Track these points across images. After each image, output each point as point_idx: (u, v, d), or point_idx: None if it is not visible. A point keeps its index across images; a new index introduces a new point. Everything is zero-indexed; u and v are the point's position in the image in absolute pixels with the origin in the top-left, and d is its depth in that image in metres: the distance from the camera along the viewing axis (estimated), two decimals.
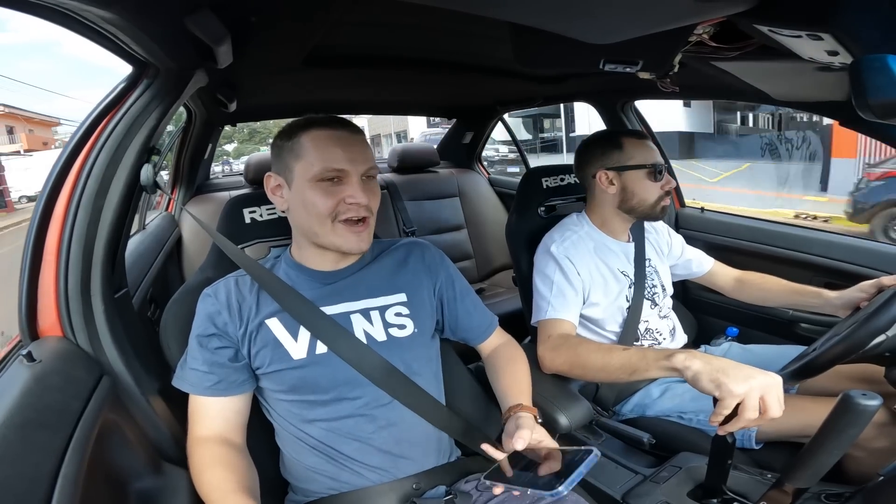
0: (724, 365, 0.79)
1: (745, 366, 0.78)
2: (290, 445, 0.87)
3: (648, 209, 1.25)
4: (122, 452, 0.73)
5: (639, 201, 1.24)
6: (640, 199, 1.24)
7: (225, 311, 0.83)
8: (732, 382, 0.75)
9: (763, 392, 0.74)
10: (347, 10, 1.02)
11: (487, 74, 1.68)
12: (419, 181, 2.71)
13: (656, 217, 1.27)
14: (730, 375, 0.76)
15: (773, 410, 0.74)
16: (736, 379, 0.75)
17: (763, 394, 0.74)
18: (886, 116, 0.60)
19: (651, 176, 1.23)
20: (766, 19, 0.66)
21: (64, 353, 0.75)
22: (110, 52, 0.78)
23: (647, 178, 1.23)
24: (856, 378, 1.09)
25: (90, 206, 0.81)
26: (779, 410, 0.74)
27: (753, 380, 0.74)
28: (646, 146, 1.25)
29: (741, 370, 0.77)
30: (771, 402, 0.74)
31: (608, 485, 1.02)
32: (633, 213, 1.27)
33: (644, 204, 1.24)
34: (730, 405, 0.75)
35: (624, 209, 1.27)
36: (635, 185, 1.24)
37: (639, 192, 1.24)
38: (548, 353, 1.11)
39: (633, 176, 1.23)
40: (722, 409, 0.76)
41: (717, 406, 0.77)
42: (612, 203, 1.27)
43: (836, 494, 0.78)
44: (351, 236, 0.82)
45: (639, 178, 1.23)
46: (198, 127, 2.08)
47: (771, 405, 0.73)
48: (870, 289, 1.07)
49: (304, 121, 0.84)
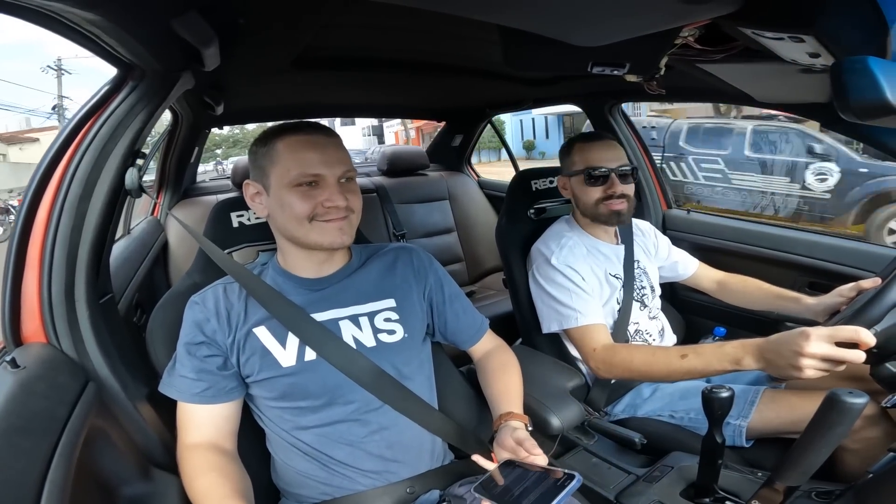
0: (771, 356, 0.84)
1: (781, 341, 0.82)
2: (282, 451, 0.86)
3: (592, 212, 1.25)
4: (110, 458, 0.72)
5: (583, 206, 1.26)
6: (583, 203, 1.26)
7: (213, 318, 0.82)
8: (788, 370, 0.81)
9: (813, 350, 0.77)
10: (337, 13, 1.01)
11: (477, 77, 1.68)
12: (409, 184, 2.71)
13: (604, 220, 1.26)
14: (780, 367, 0.82)
15: (842, 353, 0.76)
16: (789, 366, 0.80)
17: (816, 351, 0.77)
18: (866, 117, 0.61)
19: (588, 180, 1.23)
20: (750, 21, 0.67)
21: (48, 360, 0.74)
22: (95, 54, 0.77)
23: (585, 182, 1.24)
24: (843, 376, 1.11)
25: (74, 210, 0.79)
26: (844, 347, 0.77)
27: (801, 357, 0.78)
28: (590, 149, 1.25)
29: (782, 353, 0.82)
30: (831, 352, 0.77)
31: (601, 485, 1.02)
32: (587, 216, 1.28)
33: (587, 208, 1.25)
34: (812, 372, 0.79)
35: (581, 213, 1.29)
36: (578, 190, 1.26)
37: (581, 197, 1.26)
38: (602, 368, 1.13)
39: (577, 181, 1.26)
40: (818, 370, 0.79)
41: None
42: (577, 208, 1.30)
43: (826, 492, 0.79)
44: (331, 230, 0.82)
45: (579, 183, 1.26)
46: (184, 130, 2.05)
47: (838, 354, 0.77)
48: (848, 293, 1.07)
49: (279, 127, 0.84)
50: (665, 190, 1.93)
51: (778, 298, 1.28)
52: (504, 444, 0.79)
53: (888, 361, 0.85)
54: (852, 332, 0.76)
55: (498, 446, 0.80)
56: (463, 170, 2.99)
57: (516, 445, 0.76)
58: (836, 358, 0.77)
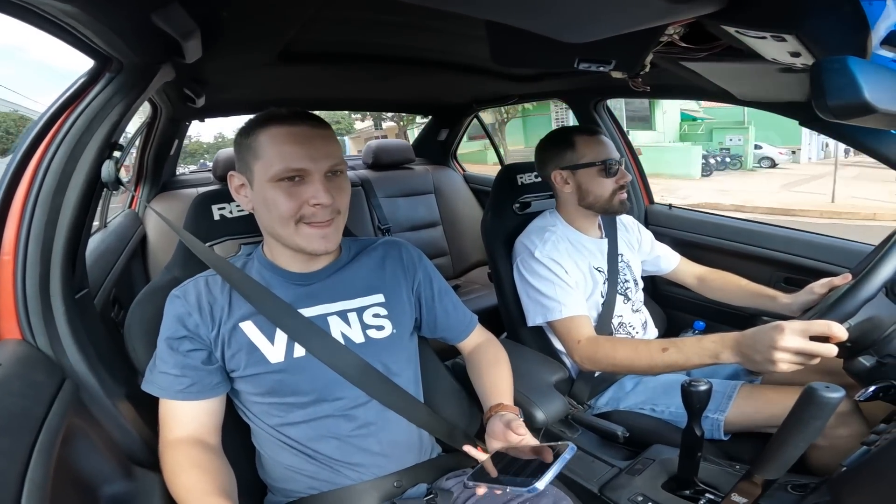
0: (747, 351, 0.85)
1: (757, 336, 0.84)
2: (268, 446, 0.85)
3: (605, 204, 1.27)
4: (90, 457, 0.71)
5: (595, 198, 1.27)
6: (595, 195, 1.27)
7: (196, 312, 0.80)
8: (763, 364, 0.82)
9: (787, 344, 0.79)
10: (321, 7, 0.99)
11: (464, 72, 1.68)
12: (394, 178, 2.69)
13: (616, 211, 1.29)
14: (755, 361, 0.84)
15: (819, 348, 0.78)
16: (764, 360, 0.82)
17: (789, 345, 0.79)
18: (843, 117, 0.62)
19: (603, 172, 1.25)
20: (734, 20, 0.68)
21: (24, 357, 0.73)
22: (71, 45, 0.74)
23: (598, 174, 1.25)
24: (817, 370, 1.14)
25: (48, 203, 0.77)
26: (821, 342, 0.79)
27: (775, 351, 0.80)
28: (597, 142, 1.27)
29: (757, 348, 0.83)
30: (805, 346, 0.78)
31: (585, 478, 1.04)
32: (593, 209, 1.29)
33: (600, 200, 1.27)
34: (787, 366, 0.80)
35: (584, 206, 1.29)
36: (589, 183, 1.26)
37: (593, 189, 1.26)
38: (586, 361, 1.14)
39: (586, 174, 1.26)
40: (794, 363, 0.81)
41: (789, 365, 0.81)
42: (573, 201, 1.30)
43: (801, 485, 0.82)
44: (315, 237, 0.79)
45: (591, 176, 1.26)
46: (163, 122, 2.00)
47: (811, 347, 0.78)
48: (820, 289, 1.10)
49: (264, 116, 0.79)
50: (647, 185, 1.95)
51: (755, 295, 1.31)
52: (495, 431, 0.79)
53: (861, 356, 0.87)
54: (825, 327, 0.78)
55: (489, 436, 0.80)
56: (449, 164, 2.98)
57: (505, 429, 0.76)
58: (809, 352, 0.79)
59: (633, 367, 1.08)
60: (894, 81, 0.59)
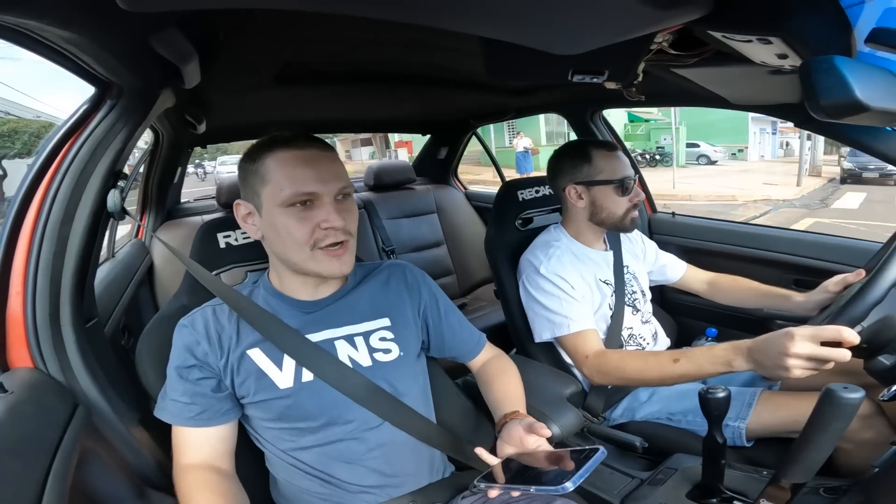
0: (759, 358, 0.85)
1: (768, 343, 0.83)
2: (282, 470, 0.84)
3: (618, 222, 1.26)
4: (104, 480, 0.71)
5: (608, 215, 1.26)
6: (609, 212, 1.26)
7: (204, 341, 0.80)
8: (776, 371, 0.81)
9: (798, 350, 0.78)
10: (316, 26, 1.01)
11: (460, 88, 1.70)
12: (396, 199, 2.71)
13: (626, 229, 1.29)
14: (768, 368, 0.83)
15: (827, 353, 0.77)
16: (777, 366, 0.81)
17: (801, 351, 0.78)
18: (837, 116, 0.61)
19: (619, 190, 1.24)
20: (720, 25, 0.70)
21: (36, 384, 0.73)
22: (71, 72, 0.75)
23: (615, 192, 1.24)
24: (836, 371, 1.12)
25: (55, 234, 0.78)
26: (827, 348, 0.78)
27: (786, 357, 0.79)
28: (615, 158, 1.26)
29: (769, 354, 0.82)
30: (816, 351, 0.77)
31: (605, 490, 1.01)
32: (603, 224, 1.29)
33: (613, 217, 1.26)
34: (800, 372, 0.80)
35: (594, 221, 1.28)
36: (604, 200, 1.25)
37: (608, 206, 1.25)
38: (596, 376, 1.13)
39: (602, 191, 1.24)
40: (804, 371, 0.80)
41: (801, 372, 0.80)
42: (584, 216, 1.29)
43: (833, 488, 0.79)
44: (332, 262, 0.79)
45: (607, 193, 1.24)
46: (165, 149, 2.02)
47: (823, 353, 0.77)
48: (834, 287, 1.09)
49: (268, 140, 0.79)
50: (649, 194, 1.96)
51: (768, 297, 1.29)
52: (511, 436, 0.77)
53: (881, 355, 0.85)
54: (835, 332, 0.77)
55: (501, 441, 0.79)
56: (450, 182, 3.00)
57: (523, 433, 0.75)
58: (821, 357, 0.77)
59: (644, 380, 1.06)
60: (884, 78, 0.59)
